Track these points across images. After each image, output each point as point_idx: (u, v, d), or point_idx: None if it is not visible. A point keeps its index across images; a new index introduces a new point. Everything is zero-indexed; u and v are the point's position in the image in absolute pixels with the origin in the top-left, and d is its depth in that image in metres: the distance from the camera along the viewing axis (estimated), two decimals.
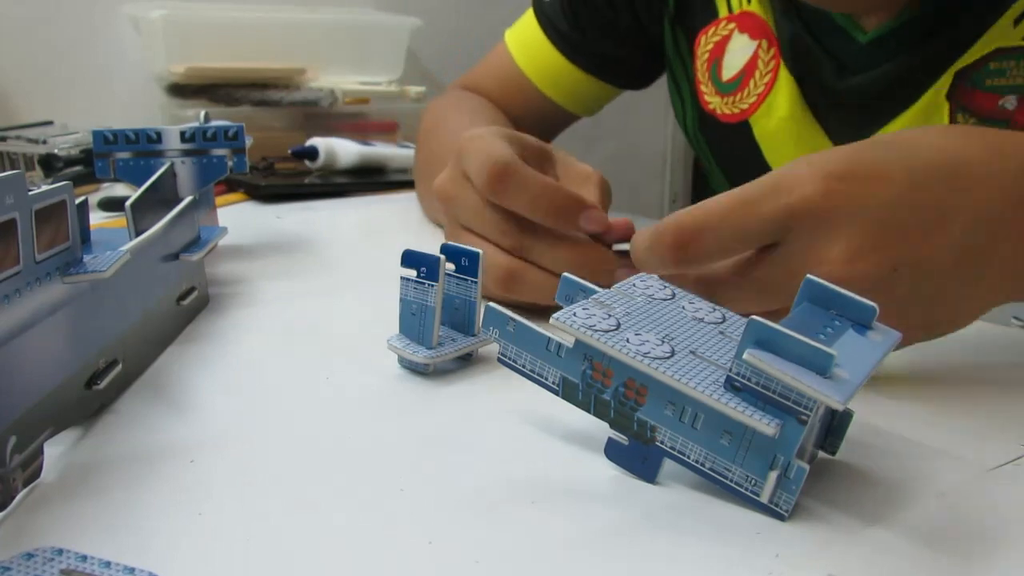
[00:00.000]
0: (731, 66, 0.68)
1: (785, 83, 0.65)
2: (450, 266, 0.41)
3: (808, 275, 0.33)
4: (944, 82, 0.57)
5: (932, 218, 0.36)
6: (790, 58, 0.64)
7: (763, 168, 0.65)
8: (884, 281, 0.36)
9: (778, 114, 0.65)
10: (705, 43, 0.70)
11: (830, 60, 0.62)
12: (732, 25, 0.68)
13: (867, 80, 0.61)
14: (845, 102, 0.62)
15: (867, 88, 0.61)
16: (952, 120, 0.57)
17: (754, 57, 0.66)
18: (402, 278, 0.40)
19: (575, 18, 0.78)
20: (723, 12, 0.69)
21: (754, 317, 0.28)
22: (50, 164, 0.77)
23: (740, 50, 0.67)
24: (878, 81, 0.60)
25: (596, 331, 0.31)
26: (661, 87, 0.83)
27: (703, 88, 0.70)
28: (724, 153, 0.73)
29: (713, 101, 0.69)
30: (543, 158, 0.51)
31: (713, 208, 0.37)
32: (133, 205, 0.42)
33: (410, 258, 0.40)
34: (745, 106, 0.67)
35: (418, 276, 0.40)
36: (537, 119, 0.82)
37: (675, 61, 0.75)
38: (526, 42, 0.81)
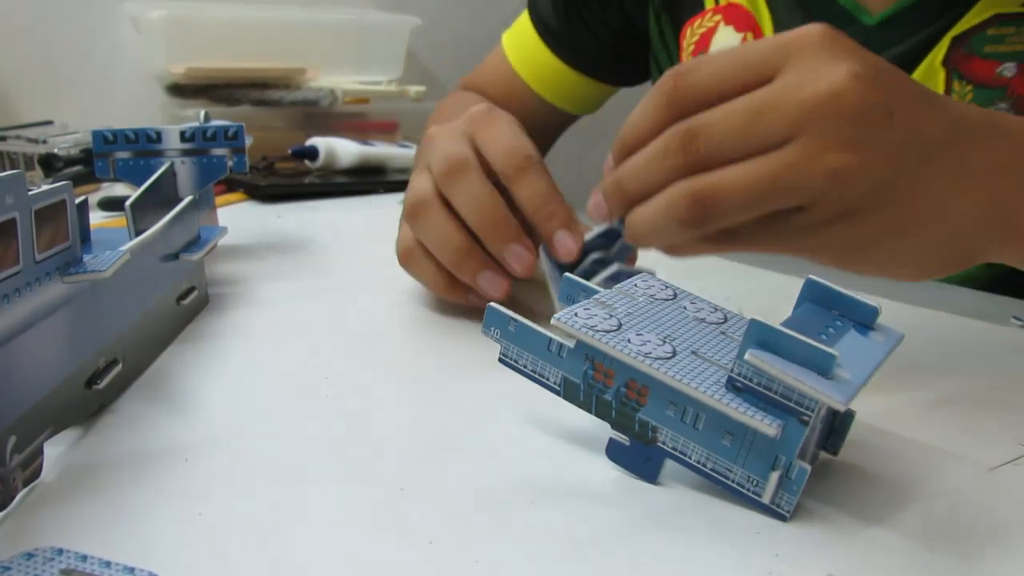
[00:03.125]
0: None
1: None
2: None
3: (809, 275, 0.33)
4: (940, 48, 0.56)
5: (924, 96, 0.36)
6: None
7: None
8: (880, 123, 0.34)
9: None
10: (691, 35, 0.69)
11: None
12: (718, 17, 0.67)
13: None
14: None
15: None
16: (948, 88, 0.56)
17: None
18: None
19: (566, 15, 0.78)
20: (709, 4, 0.68)
21: (755, 318, 0.28)
22: (50, 164, 0.77)
23: (725, 42, 0.65)
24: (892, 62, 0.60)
25: (598, 331, 0.31)
26: None
27: None
28: None
29: None
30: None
31: (713, 53, 0.37)
32: (133, 205, 0.42)
33: None
34: None
35: None
36: (535, 120, 0.81)
37: (660, 53, 0.74)
38: (521, 43, 0.82)
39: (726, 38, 0.66)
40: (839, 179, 0.33)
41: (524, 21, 0.82)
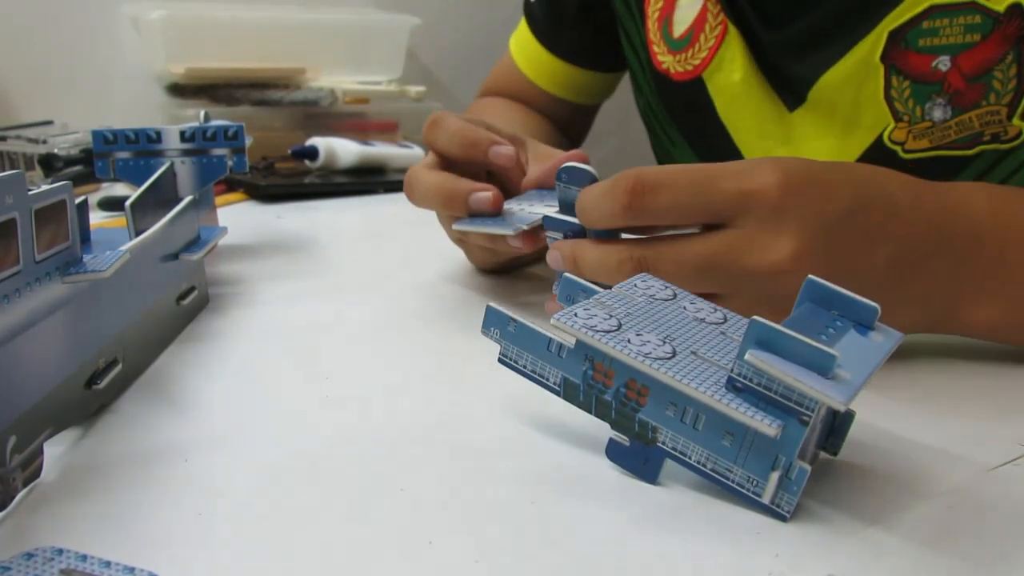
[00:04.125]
0: (681, 22, 0.66)
1: (734, 37, 0.63)
2: None
3: (809, 276, 0.33)
4: (877, 43, 0.55)
5: (867, 239, 0.39)
6: (729, 11, 0.63)
7: (719, 127, 0.65)
8: None
9: (730, 70, 0.64)
10: (655, 2, 0.68)
11: (755, 14, 0.61)
12: None
13: (789, 34, 0.59)
14: (773, 56, 0.61)
15: (789, 42, 0.60)
16: (887, 83, 0.56)
17: (703, 11, 0.64)
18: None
19: (549, 8, 0.80)
20: None
21: (756, 318, 0.28)
22: (50, 164, 0.77)
23: (688, 5, 0.65)
24: (799, 35, 0.59)
25: (597, 331, 0.31)
26: None
27: (655, 49, 0.69)
28: (680, 114, 0.70)
29: (666, 60, 0.68)
30: (516, 143, 0.53)
31: (676, 171, 0.39)
32: (133, 205, 0.42)
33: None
34: (697, 61, 0.65)
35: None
36: (554, 115, 0.83)
37: (627, 20, 0.73)
38: (522, 45, 0.84)
39: (689, 2, 0.65)
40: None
41: (523, 24, 0.84)
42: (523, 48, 0.84)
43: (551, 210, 0.45)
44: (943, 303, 0.41)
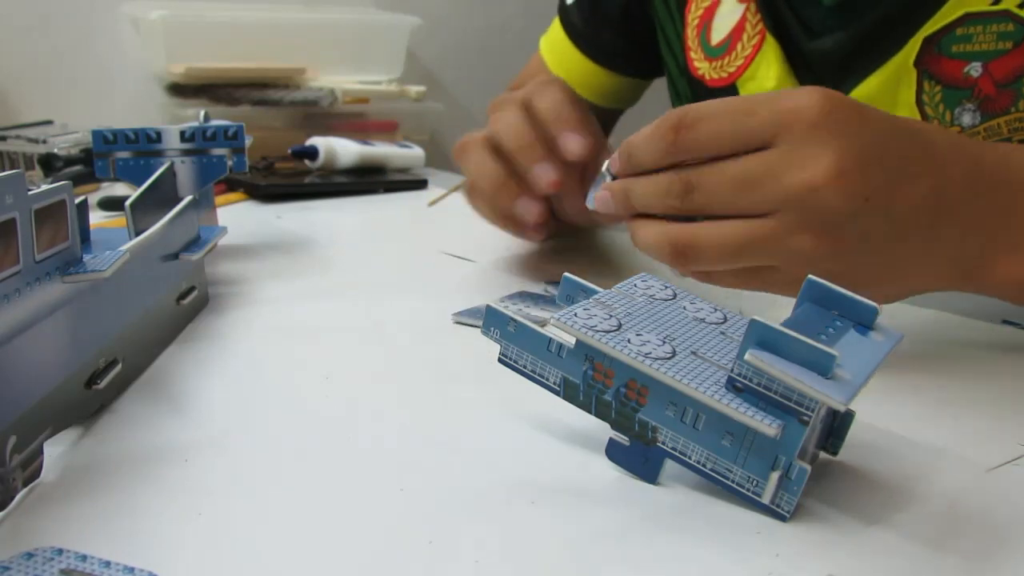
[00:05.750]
0: (720, 29, 0.67)
1: (771, 46, 0.64)
2: None
3: (809, 275, 0.33)
4: (912, 48, 0.56)
5: (905, 169, 0.39)
6: (768, 20, 0.64)
7: None
8: (857, 208, 0.38)
9: (764, 78, 0.64)
10: (695, 8, 0.69)
11: (797, 22, 0.62)
12: None
13: (832, 43, 0.60)
14: (814, 65, 0.62)
15: (832, 51, 0.60)
16: (919, 88, 0.56)
17: (742, 20, 0.65)
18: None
19: (589, 11, 0.79)
20: None
21: (755, 318, 0.28)
22: (50, 164, 0.77)
23: (728, 13, 0.66)
24: (843, 45, 0.59)
25: (597, 332, 0.31)
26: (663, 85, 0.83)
27: (692, 55, 0.69)
28: None
29: (702, 66, 0.68)
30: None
31: (717, 103, 0.40)
32: (133, 205, 0.42)
33: None
34: (732, 69, 0.66)
35: None
36: None
37: (667, 24, 0.74)
38: (555, 48, 0.84)
39: (729, 9, 0.66)
40: (805, 257, 0.38)
41: (556, 26, 0.84)
42: (556, 51, 0.83)
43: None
44: (978, 251, 0.41)
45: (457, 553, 0.27)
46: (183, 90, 0.95)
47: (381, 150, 0.87)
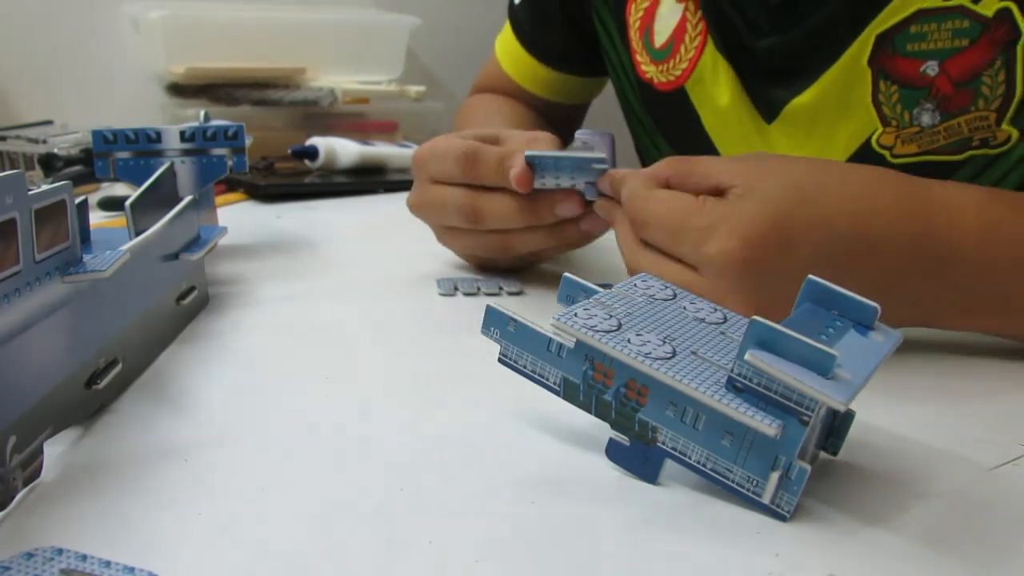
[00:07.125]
0: (661, 32, 0.66)
1: (713, 48, 0.62)
2: None
3: (809, 275, 0.33)
4: (864, 47, 0.55)
5: (839, 275, 0.37)
6: (711, 18, 0.62)
7: (704, 137, 0.65)
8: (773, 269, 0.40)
9: (712, 84, 0.63)
10: (635, 11, 0.68)
11: (743, 21, 0.60)
12: None
13: (778, 42, 0.59)
14: (762, 65, 0.60)
15: (778, 51, 0.59)
16: (875, 87, 0.55)
17: (682, 21, 0.64)
18: None
19: (532, 11, 0.80)
20: None
21: (756, 318, 0.28)
22: (50, 164, 0.77)
23: (668, 15, 0.65)
24: (790, 44, 0.58)
25: (597, 332, 0.31)
26: None
27: (639, 58, 0.68)
28: (668, 124, 0.70)
29: (649, 70, 0.67)
30: (493, 141, 0.54)
31: (659, 208, 0.43)
32: (133, 205, 0.42)
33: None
34: (678, 72, 0.65)
35: None
36: (546, 114, 0.83)
37: (611, 30, 0.72)
38: (506, 46, 0.84)
39: (668, 10, 0.65)
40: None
41: (507, 26, 0.84)
42: (508, 51, 0.84)
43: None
44: (926, 318, 0.43)
45: (457, 553, 0.27)
46: (183, 90, 0.95)
47: (381, 150, 0.87)
